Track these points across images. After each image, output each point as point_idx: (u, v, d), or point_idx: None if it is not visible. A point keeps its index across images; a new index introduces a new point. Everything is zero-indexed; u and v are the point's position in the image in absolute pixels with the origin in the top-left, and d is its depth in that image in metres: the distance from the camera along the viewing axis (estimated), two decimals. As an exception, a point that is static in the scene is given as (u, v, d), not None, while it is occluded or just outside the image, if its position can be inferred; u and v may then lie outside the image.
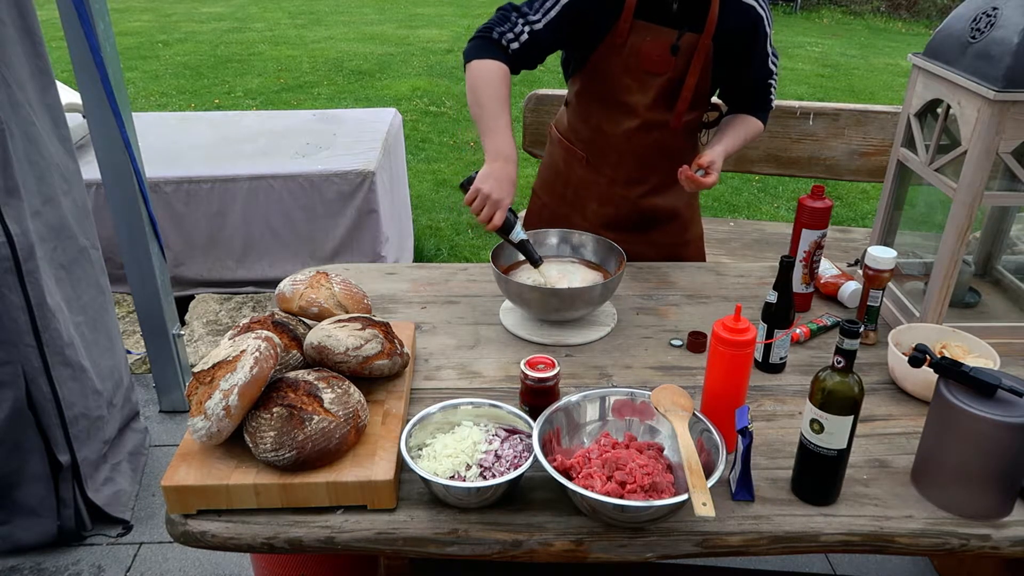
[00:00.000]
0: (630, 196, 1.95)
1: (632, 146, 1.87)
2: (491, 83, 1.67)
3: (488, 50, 1.70)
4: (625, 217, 1.98)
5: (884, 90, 7.60)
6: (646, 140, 1.86)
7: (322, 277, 1.57)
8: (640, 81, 1.78)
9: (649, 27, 1.72)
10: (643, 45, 1.73)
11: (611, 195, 1.95)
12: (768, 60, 1.86)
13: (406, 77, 7.67)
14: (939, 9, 11.65)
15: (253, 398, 1.20)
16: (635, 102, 1.81)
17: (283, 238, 3.35)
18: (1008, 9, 1.43)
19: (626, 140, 1.86)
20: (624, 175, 1.92)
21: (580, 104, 1.91)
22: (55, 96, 2.14)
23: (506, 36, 1.70)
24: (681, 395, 1.30)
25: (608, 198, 1.95)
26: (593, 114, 1.89)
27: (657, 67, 1.76)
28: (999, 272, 1.88)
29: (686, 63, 1.76)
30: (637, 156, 1.89)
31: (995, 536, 1.19)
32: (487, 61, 1.68)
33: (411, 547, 1.18)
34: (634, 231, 1.99)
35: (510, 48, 1.71)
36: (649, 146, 1.87)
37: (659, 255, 2.04)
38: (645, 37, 1.73)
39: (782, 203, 5.02)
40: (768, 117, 1.96)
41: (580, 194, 1.99)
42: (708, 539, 1.19)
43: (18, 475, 2.16)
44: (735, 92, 1.94)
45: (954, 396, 1.18)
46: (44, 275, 2.04)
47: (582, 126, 1.93)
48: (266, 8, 11.33)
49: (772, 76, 1.89)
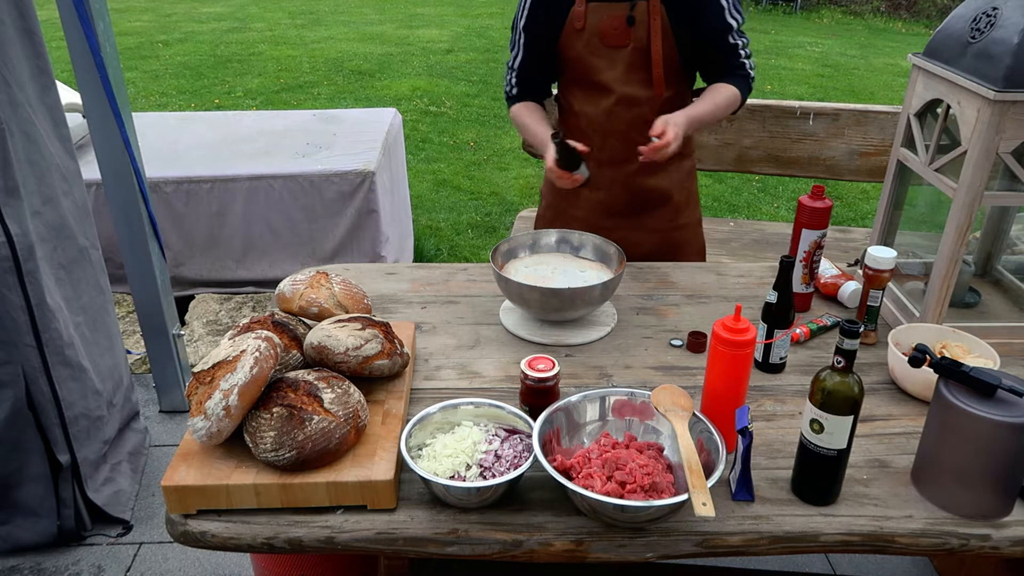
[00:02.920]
0: (619, 177, 1.98)
1: (613, 124, 1.92)
2: (523, 117, 2.02)
3: (509, 102, 2.09)
4: (617, 199, 2.01)
5: (884, 90, 7.60)
6: (627, 116, 1.90)
7: (322, 277, 1.57)
8: (607, 58, 1.87)
9: (603, 6, 1.83)
10: (601, 23, 1.84)
11: (600, 177, 1.96)
12: (725, 13, 1.86)
13: (406, 77, 7.67)
14: (939, 9, 11.65)
15: (253, 398, 1.20)
16: (607, 79, 1.88)
17: (283, 238, 3.35)
18: (1008, 9, 1.43)
19: (606, 118, 1.91)
20: (608, 155, 1.94)
21: (562, 94, 2.03)
22: (55, 96, 2.14)
23: (507, 91, 2.07)
24: (681, 395, 1.30)
25: (597, 181, 1.95)
26: (575, 100, 1.97)
27: (618, 39, 1.84)
28: (999, 272, 1.88)
29: (646, 32, 1.82)
30: (620, 134, 1.92)
31: (995, 536, 1.19)
32: (512, 108, 2.07)
33: (411, 547, 1.18)
34: (628, 215, 2.03)
35: (514, 94, 2.05)
36: (631, 122, 1.90)
37: (654, 241, 2.06)
38: (602, 16, 1.83)
39: (782, 203, 5.02)
40: (748, 85, 1.95)
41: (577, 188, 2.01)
42: (708, 539, 1.19)
43: (18, 475, 2.16)
44: (702, 57, 1.93)
45: (954, 396, 1.18)
46: (44, 275, 2.04)
47: (567, 114, 2.03)
48: (266, 8, 11.33)
49: (732, 32, 1.88)
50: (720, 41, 1.89)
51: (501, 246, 1.80)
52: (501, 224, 4.56)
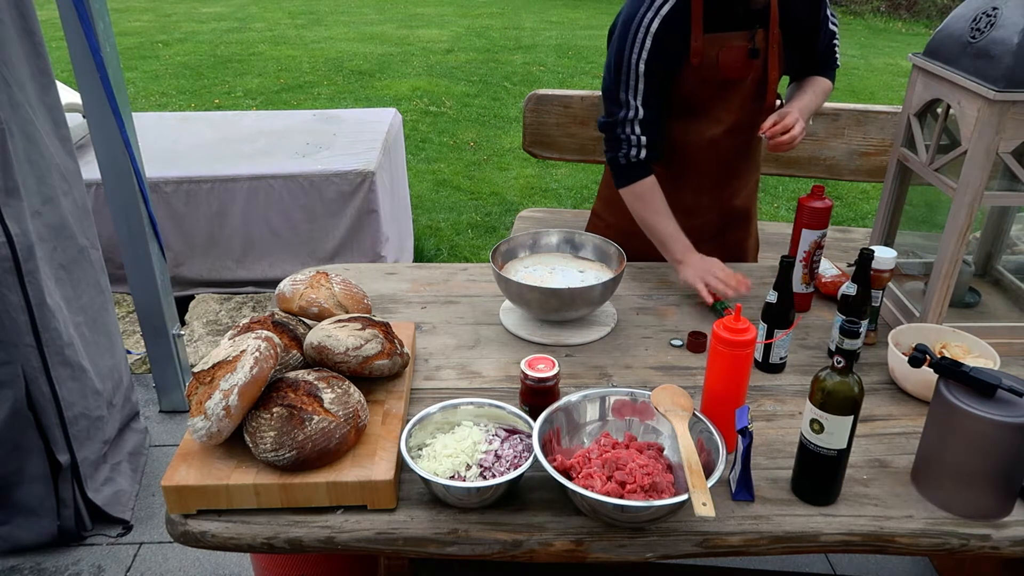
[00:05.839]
0: (714, 204, 1.94)
1: (719, 152, 1.86)
2: (647, 201, 1.78)
3: (628, 175, 1.78)
4: (710, 225, 1.97)
5: (884, 90, 7.59)
6: (732, 144, 1.85)
7: (322, 277, 1.57)
8: (722, 89, 1.76)
9: (721, 36, 1.70)
10: (720, 55, 1.71)
11: (697, 205, 1.92)
12: (829, 23, 1.85)
13: (406, 77, 7.67)
14: (939, 9, 11.65)
15: (253, 398, 1.20)
16: (718, 110, 1.79)
17: (283, 238, 3.35)
18: (1008, 9, 1.43)
19: (711, 147, 1.84)
20: (711, 183, 1.90)
21: None
22: (55, 96, 2.14)
23: (630, 154, 1.75)
24: (681, 395, 1.30)
25: (694, 208, 1.91)
26: (671, 128, 1.83)
27: (739, 72, 1.74)
28: (999, 272, 1.88)
29: (763, 60, 1.75)
30: (724, 162, 1.88)
31: (995, 536, 1.19)
32: (633, 185, 1.78)
33: (411, 547, 1.18)
34: (715, 238, 1.98)
35: (642, 157, 1.75)
36: (734, 149, 1.87)
37: (727, 256, 1.96)
38: (720, 47, 1.70)
39: (782, 203, 5.02)
40: (835, 74, 1.94)
41: None
42: (708, 539, 1.19)
43: (18, 475, 2.16)
44: (804, 62, 1.90)
45: (954, 396, 1.18)
46: (44, 275, 2.04)
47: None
48: (266, 8, 11.33)
49: (835, 36, 1.89)
50: (826, 50, 1.88)
51: (501, 246, 1.80)
52: (501, 224, 4.56)
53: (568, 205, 4.85)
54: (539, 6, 11.81)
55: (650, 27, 1.65)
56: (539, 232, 1.86)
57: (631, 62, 1.69)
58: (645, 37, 1.66)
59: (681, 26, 1.67)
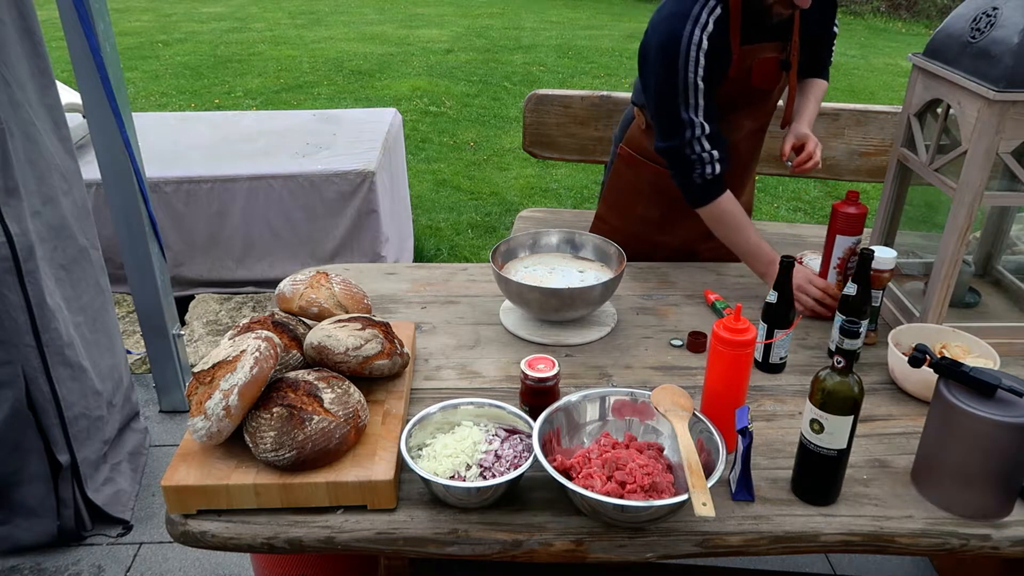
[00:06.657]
0: None
1: (737, 155, 1.88)
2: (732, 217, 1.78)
3: (706, 194, 1.77)
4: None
5: (884, 90, 7.59)
6: (748, 146, 1.91)
7: (322, 277, 1.57)
8: (749, 98, 1.81)
9: (754, 48, 1.72)
10: (754, 65, 1.74)
11: None
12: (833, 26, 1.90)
13: (406, 77, 7.67)
14: (939, 9, 11.65)
15: (253, 398, 1.20)
16: (742, 118, 1.83)
17: (283, 238, 3.35)
18: (1008, 9, 1.43)
19: (732, 151, 1.84)
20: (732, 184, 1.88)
21: None
22: (55, 96, 2.14)
23: (706, 172, 1.74)
24: (681, 395, 1.30)
25: None
26: None
27: (770, 83, 1.79)
28: (999, 272, 1.88)
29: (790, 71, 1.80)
30: (741, 164, 1.92)
31: (995, 536, 1.19)
32: (711, 205, 1.77)
33: (411, 547, 1.18)
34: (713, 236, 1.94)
35: (717, 172, 1.74)
36: (750, 151, 1.92)
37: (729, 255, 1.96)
38: (754, 59, 1.74)
39: (782, 203, 5.02)
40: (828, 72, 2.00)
41: (671, 213, 1.98)
42: (708, 539, 1.19)
43: (18, 475, 2.15)
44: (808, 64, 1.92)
45: (954, 396, 1.18)
46: (44, 275, 2.04)
47: None
48: (266, 8, 11.33)
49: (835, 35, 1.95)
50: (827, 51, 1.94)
51: (501, 246, 1.80)
52: (501, 224, 4.56)
53: (568, 205, 4.85)
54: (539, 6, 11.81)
55: (701, 44, 1.65)
56: (539, 232, 1.87)
57: (688, 80, 1.67)
58: (698, 54, 1.65)
59: (723, 40, 1.69)
